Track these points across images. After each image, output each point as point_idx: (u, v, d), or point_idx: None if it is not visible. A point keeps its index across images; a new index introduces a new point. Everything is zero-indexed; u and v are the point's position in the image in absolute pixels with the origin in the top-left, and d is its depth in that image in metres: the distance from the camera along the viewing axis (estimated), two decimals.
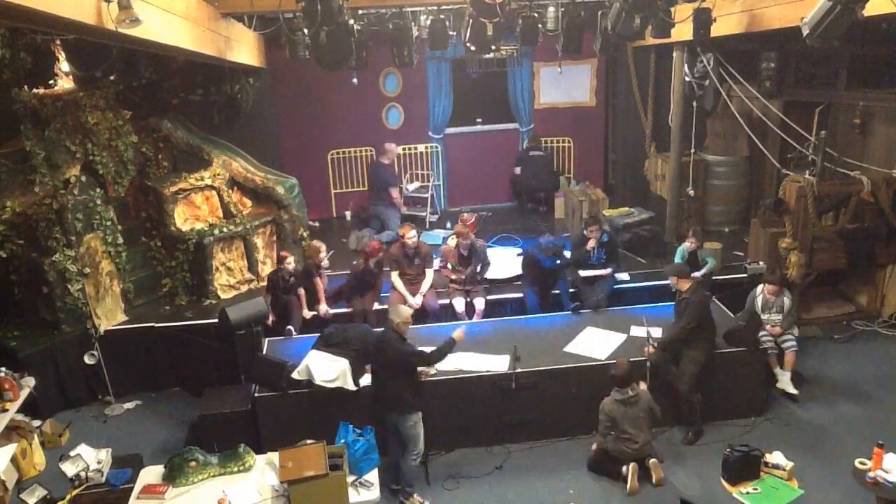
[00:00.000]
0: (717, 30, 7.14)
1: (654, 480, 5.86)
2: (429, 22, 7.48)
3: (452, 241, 8.24)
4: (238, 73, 8.84)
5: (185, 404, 7.42)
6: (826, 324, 8.45)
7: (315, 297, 7.71)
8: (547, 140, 11.69)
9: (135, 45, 4.86)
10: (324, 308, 7.64)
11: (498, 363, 6.52)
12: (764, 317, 7.03)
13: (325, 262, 7.78)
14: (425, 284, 7.83)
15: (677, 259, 7.87)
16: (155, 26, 4.41)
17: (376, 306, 7.70)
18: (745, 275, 8.28)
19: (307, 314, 7.61)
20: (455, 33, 7.69)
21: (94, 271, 7.49)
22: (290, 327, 7.33)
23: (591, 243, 7.82)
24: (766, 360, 6.90)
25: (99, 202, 7.52)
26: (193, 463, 5.06)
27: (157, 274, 8.33)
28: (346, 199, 11.53)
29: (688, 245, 7.87)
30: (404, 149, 11.37)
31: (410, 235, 7.84)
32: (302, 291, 7.67)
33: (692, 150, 9.61)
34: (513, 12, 7.06)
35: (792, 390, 7.03)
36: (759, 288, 7.22)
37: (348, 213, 11.41)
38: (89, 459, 6.11)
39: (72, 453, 6.16)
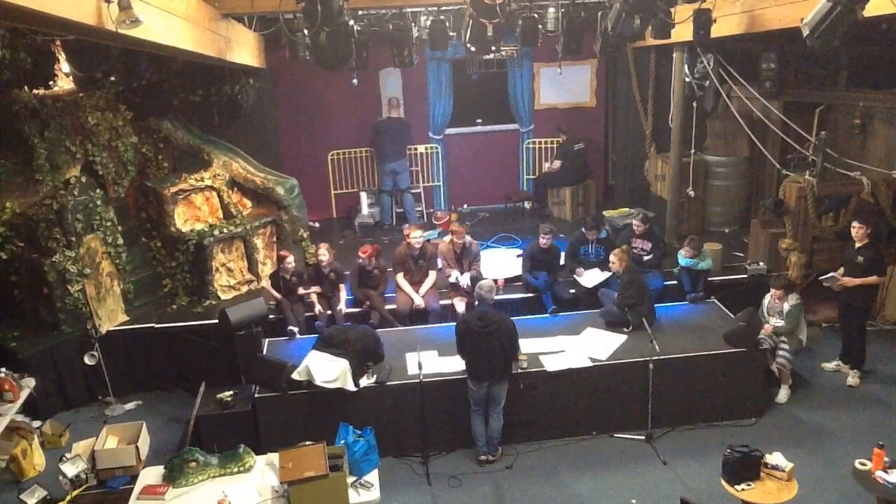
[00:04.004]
0: (717, 30, 7.13)
1: None
2: (429, 22, 7.48)
3: (447, 238, 8.26)
4: (238, 73, 8.84)
5: (185, 404, 7.41)
6: (827, 324, 8.45)
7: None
8: (547, 141, 11.69)
9: (135, 45, 4.86)
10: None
11: None
12: (771, 321, 7.01)
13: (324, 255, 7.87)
14: (426, 285, 7.86)
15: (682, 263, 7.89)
16: (155, 27, 4.41)
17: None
18: (745, 275, 8.28)
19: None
20: (455, 34, 7.69)
21: (95, 272, 7.49)
22: (292, 328, 7.35)
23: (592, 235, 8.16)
24: (766, 361, 6.90)
25: (99, 203, 7.53)
26: (193, 463, 5.06)
27: (158, 274, 8.34)
28: (347, 199, 11.53)
29: (683, 253, 7.87)
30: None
31: (416, 236, 7.87)
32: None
33: (692, 151, 9.62)
34: (513, 13, 7.06)
35: (779, 399, 7.02)
36: (770, 291, 7.12)
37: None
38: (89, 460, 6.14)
39: (71, 454, 6.18)
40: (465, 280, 7.78)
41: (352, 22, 6.25)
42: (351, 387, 6.17)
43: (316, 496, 4.68)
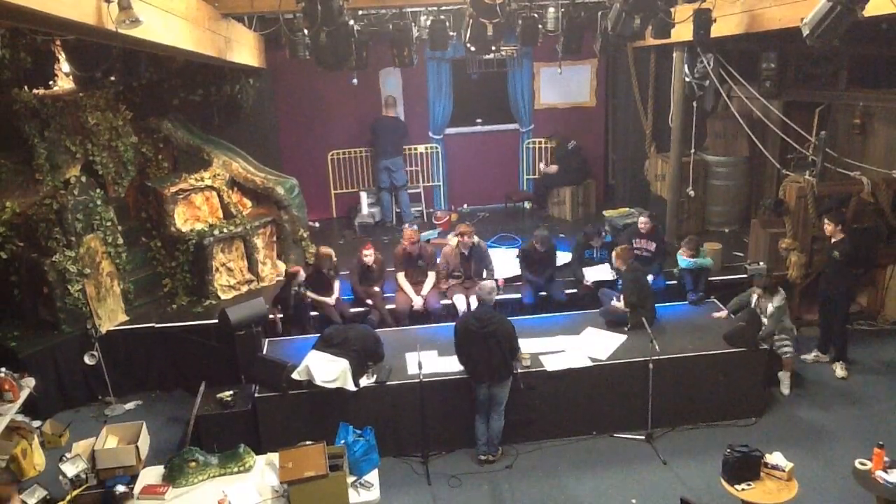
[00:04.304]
0: (717, 30, 7.13)
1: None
2: (429, 22, 7.48)
3: (454, 241, 8.27)
4: (238, 73, 8.85)
5: (185, 404, 7.40)
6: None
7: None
8: (547, 140, 11.68)
9: (135, 45, 4.86)
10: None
11: None
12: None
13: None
14: (427, 286, 7.86)
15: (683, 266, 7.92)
16: (155, 27, 4.41)
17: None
18: (745, 275, 8.26)
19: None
20: (455, 34, 7.69)
21: (95, 272, 7.49)
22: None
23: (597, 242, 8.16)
24: (766, 360, 6.89)
25: (99, 202, 7.52)
26: (193, 463, 5.06)
27: (158, 274, 8.34)
28: (347, 199, 11.52)
29: (682, 254, 7.89)
30: (405, 149, 11.34)
31: (412, 239, 7.87)
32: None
33: (692, 151, 9.61)
34: (513, 13, 7.06)
35: (784, 391, 7.09)
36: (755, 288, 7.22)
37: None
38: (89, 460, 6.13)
39: (71, 454, 6.18)
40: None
41: (352, 22, 6.26)
42: (351, 387, 6.17)
43: (316, 496, 4.69)
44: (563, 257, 8.50)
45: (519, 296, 8.02)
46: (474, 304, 7.70)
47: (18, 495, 4.69)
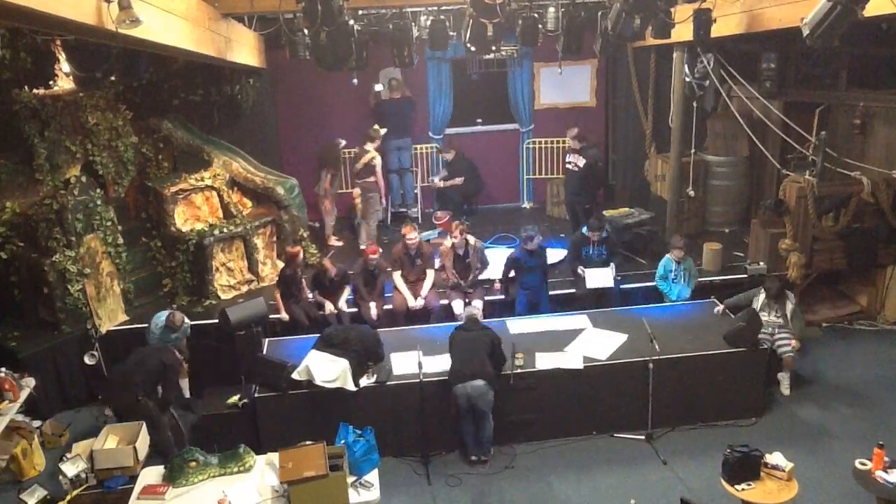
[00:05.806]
0: (717, 30, 7.14)
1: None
2: (429, 22, 7.48)
3: (449, 241, 8.26)
4: (238, 73, 8.86)
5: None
6: (827, 324, 8.46)
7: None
8: (547, 141, 11.68)
9: (135, 45, 4.86)
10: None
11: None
12: (763, 318, 7.02)
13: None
14: (426, 286, 7.86)
15: (660, 272, 7.86)
16: (155, 27, 4.41)
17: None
18: (745, 275, 8.28)
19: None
20: (455, 34, 7.70)
21: (95, 272, 7.50)
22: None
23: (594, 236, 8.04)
24: (766, 360, 6.89)
25: (99, 202, 7.53)
26: (193, 463, 5.07)
27: (158, 274, 8.35)
28: (347, 199, 11.51)
29: (673, 256, 7.79)
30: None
31: (412, 237, 7.87)
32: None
33: (692, 151, 9.61)
34: (513, 13, 7.06)
35: (785, 391, 7.10)
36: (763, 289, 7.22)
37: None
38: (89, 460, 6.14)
39: (71, 454, 6.18)
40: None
41: (352, 22, 6.27)
42: (351, 387, 6.17)
43: (316, 496, 4.69)
44: (559, 254, 8.47)
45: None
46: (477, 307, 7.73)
47: None
